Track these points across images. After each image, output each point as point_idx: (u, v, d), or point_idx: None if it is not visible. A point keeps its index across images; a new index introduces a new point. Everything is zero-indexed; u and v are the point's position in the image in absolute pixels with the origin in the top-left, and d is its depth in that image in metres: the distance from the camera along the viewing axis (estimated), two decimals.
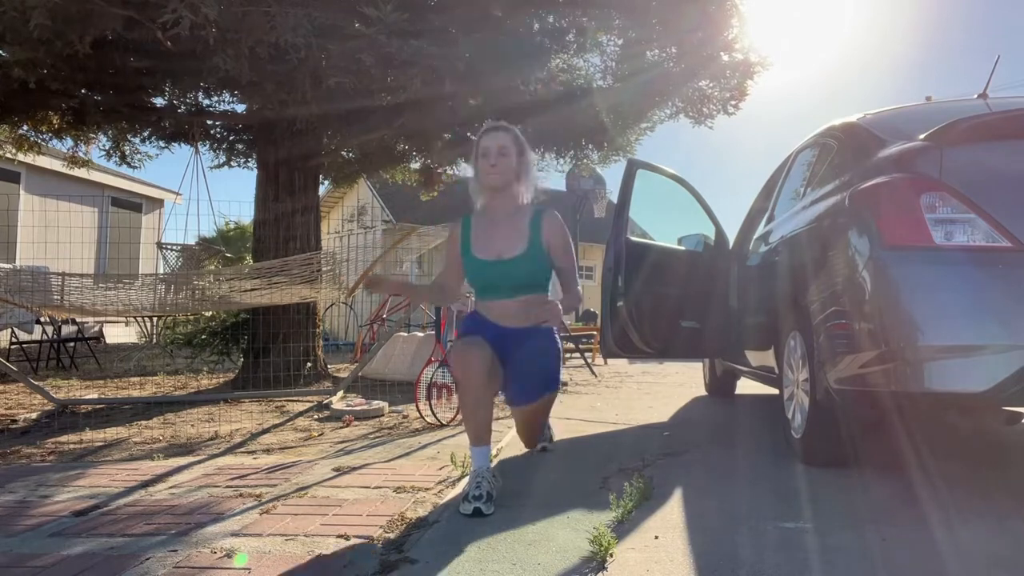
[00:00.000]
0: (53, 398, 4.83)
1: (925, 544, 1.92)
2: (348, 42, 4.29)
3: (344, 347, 12.38)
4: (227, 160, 7.26)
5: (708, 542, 1.95)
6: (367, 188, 16.03)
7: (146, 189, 14.22)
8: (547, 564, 1.80)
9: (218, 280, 5.72)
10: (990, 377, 2.19)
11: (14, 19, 3.77)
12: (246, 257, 13.24)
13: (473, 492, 2.26)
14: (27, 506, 2.43)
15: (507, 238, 2.52)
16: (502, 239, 2.52)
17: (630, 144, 7.08)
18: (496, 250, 2.51)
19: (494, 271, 2.51)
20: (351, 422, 4.29)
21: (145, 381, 6.73)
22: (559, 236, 2.57)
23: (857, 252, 2.54)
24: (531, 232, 2.52)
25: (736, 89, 6.10)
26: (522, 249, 2.50)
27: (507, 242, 2.52)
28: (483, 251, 2.54)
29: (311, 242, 6.45)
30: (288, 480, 2.75)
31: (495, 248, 2.52)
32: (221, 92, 6.40)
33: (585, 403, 5.24)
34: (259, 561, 1.84)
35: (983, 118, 2.61)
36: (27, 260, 9.67)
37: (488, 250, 2.53)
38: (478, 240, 2.56)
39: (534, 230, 2.53)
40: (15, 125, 6.10)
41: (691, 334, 4.20)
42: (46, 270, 5.39)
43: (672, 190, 4.50)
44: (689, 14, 5.28)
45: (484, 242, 2.55)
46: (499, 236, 2.53)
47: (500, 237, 2.53)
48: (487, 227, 2.57)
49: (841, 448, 2.80)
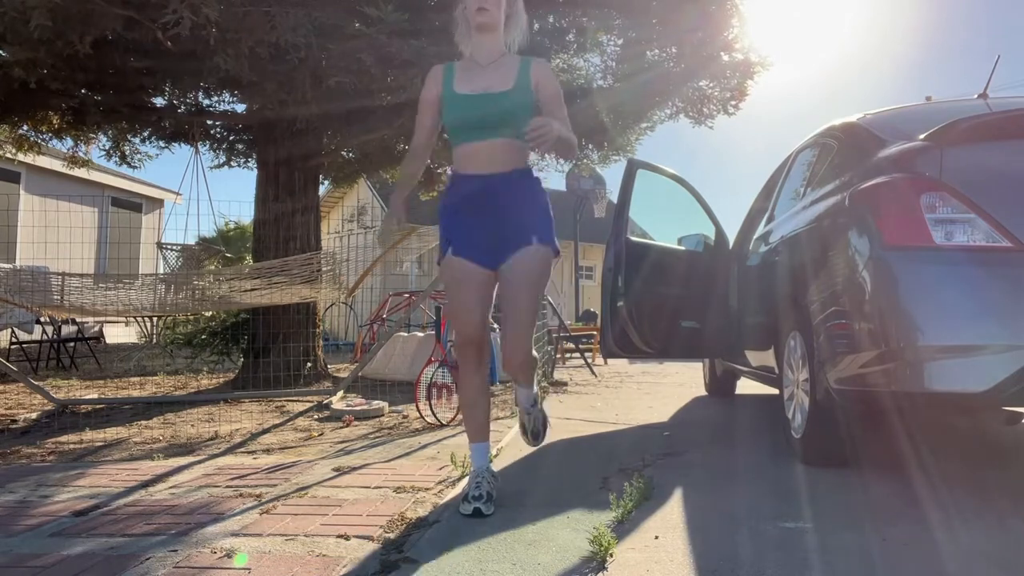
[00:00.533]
0: (53, 398, 4.83)
1: (925, 544, 1.92)
2: (348, 42, 4.29)
3: (344, 347, 12.38)
4: (227, 160, 7.26)
5: (708, 542, 1.95)
6: (367, 188, 16.03)
7: (146, 189, 14.23)
8: (547, 564, 1.80)
9: (218, 280, 5.72)
10: (990, 377, 2.19)
11: (14, 19, 3.78)
12: (246, 257, 13.24)
13: (473, 492, 2.26)
14: (27, 506, 2.43)
15: (494, 76, 2.37)
16: (489, 76, 2.37)
17: (630, 144, 7.08)
18: (483, 85, 2.35)
19: (478, 104, 2.32)
20: (351, 422, 4.29)
21: (145, 381, 6.73)
22: (550, 80, 2.40)
23: (857, 252, 2.54)
24: (520, 72, 2.37)
25: (736, 89, 6.10)
26: (509, 86, 2.34)
27: (494, 78, 2.36)
28: (467, 86, 2.36)
29: (311, 242, 6.46)
30: (288, 480, 2.75)
31: (481, 84, 2.35)
32: (221, 92, 6.41)
33: (585, 403, 5.24)
34: (259, 561, 1.84)
35: (983, 118, 2.61)
36: (27, 260, 9.67)
37: (474, 85, 2.36)
38: (461, 79, 2.39)
39: (522, 71, 2.37)
40: (15, 125, 6.10)
41: (691, 334, 4.20)
42: (46, 270, 5.40)
43: (672, 190, 4.50)
44: (689, 14, 5.28)
45: (468, 80, 2.38)
46: (486, 75, 2.37)
47: (487, 75, 2.37)
48: (472, 69, 2.41)
49: (841, 448, 2.80)
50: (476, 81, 2.36)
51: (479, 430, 2.42)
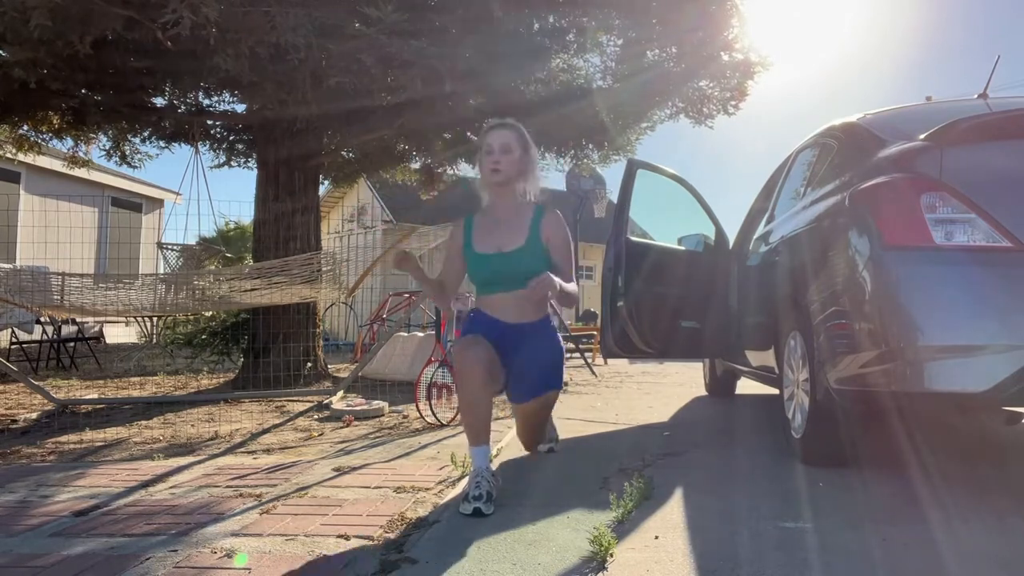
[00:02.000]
0: (53, 398, 4.82)
1: (925, 544, 1.92)
2: (348, 42, 4.29)
3: (344, 347, 12.38)
4: (227, 160, 7.26)
5: (708, 542, 1.95)
6: (367, 188, 16.03)
7: (146, 189, 14.23)
8: (547, 564, 1.80)
9: (218, 280, 5.72)
10: (990, 377, 2.19)
11: (14, 19, 3.77)
12: (246, 257, 13.23)
13: (473, 492, 2.26)
14: (27, 506, 2.43)
15: (507, 233, 2.59)
16: (502, 234, 2.59)
17: (630, 144, 7.08)
18: (496, 244, 2.59)
19: (493, 264, 2.58)
20: (351, 422, 4.29)
21: (145, 381, 6.73)
22: (559, 234, 2.62)
23: (857, 252, 2.54)
24: (531, 228, 2.58)
25: (736, 89, 6.10)
26: (521, 243, 2.57)
27: (507, 236, 2.58)
28: (483, 245, 2.61)
29: (311, 242, 6.46)
30: (288, 480, 2.76)
31: (495, 242, 2.59)
32: (221, 92, 6.40)
33: (585, 403, 5.24)
34: (259, 561, 1.84)
35: (983, 118, 2.61)
36: (27, 260, 9.67)
37: (488, 244, 2.60)
38: (479, 236, 2.63)
39: (534, 226, 2.59)
40: (15, 125, 6.10)
41: (691, 334, 4.20)
42: (46, 270, 5.40)
43: (672, 190, 4.50)
44: (689, 14, 5.28)
45: (485, 237, 2.62)
46: (500, 231, 2.60)
47: (501, 232, 2.60)
48: (489, 224, 2.64)
49: (841, 448, 2.80)
50: (491, 239, 2.60)
51: (480, 432, 2.41)
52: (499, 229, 2.61)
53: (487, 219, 2.66)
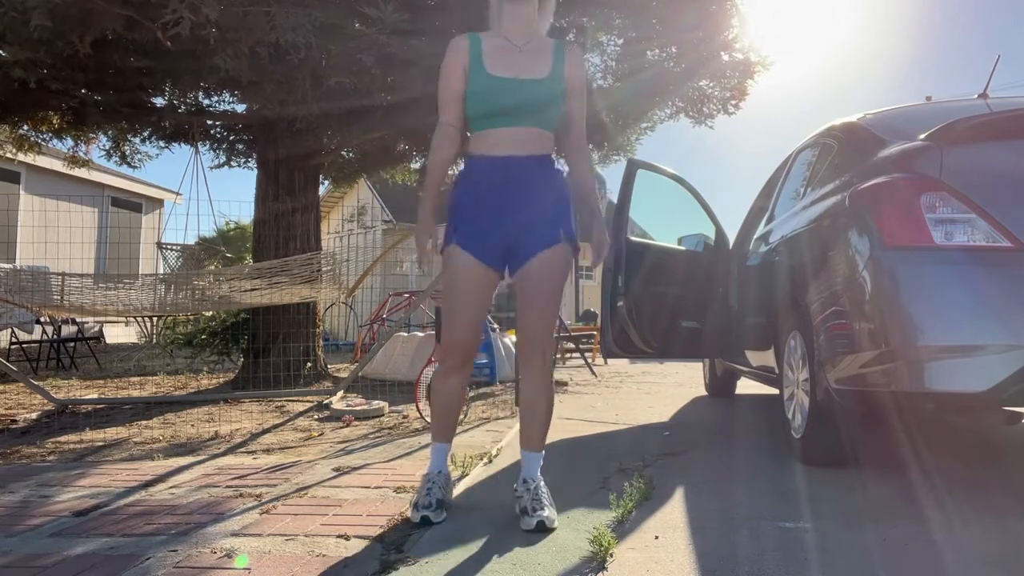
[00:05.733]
0: (53, 398, 4.82)
1: (925, 544, 1.92)
2: (348, 42, 4.29)
3: (344, 347, 12.38)
4: (227, 160, 7.26)
5: (708, 542, 1.95)
6: (367, 188, 16.03)
7: (146, 189, 14.23)
8: (547, 564, 1.80)
9: (218, 280, 5.72)
10: (990, 377, 2.19)
11: (14, 19, 3.77)
12: (246, 257, 13.24)
13: (422, 500, 2.14)
14: (28, 506, 2.43)
15: (527, 60, 2.18)
16: (523, 59, 2.18)
17: (630, 144, 7.08)
18: (517, 68, 2.15)
19: (513, 90, 2.14)
20: (351, 422, 4.29)
21: (145, 381, 6.73)
22: (580, 72, 2.26)
23: (857, 252, 2.54)
24: (555, 59, 2.20)
25: (736, 89, 6.10)
26: (544, 74, 2.16)
27: (527, 63, 2.17)
28: (500, 68, 2.15)
29: (311, 242, 6.46)
30: (288, 480, 2.76)
31: (515, 67, 2.16)
32: (221, 92, 6.41)
33: (585, 403, 5.24)
34: (259, 561, 1.84)
35: (983, 118, 2.61)
36: (27, 260, 9.68)
37: (507, 68, 2.15)
38: (493, 59, 2.17)
39: (557, 57, 2.21)
40: (15, 125, 6.10)
41: (691, 334, 4.20)
42: (46, 270, 5.40)
43: (672, 190, 4.50)
44: (689, 13, 5.28)
45: (502, 61, 2.17)
46: (521, 57, 2.18)
47: (521, 58, 2.18)
48: (503, 45, 2.20)
49: (841, 448, 2.80)
50: (511, 64, 2.16)
51: (446, 430, 2.30)
52: (517, 54, 2.18)
53: (500, 40, 2.21)
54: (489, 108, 2.16)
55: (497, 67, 2.15)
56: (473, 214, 2.18)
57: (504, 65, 2.16)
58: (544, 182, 2.19)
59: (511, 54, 2.18)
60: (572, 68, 2.22)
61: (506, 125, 2.16)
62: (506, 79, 2.14)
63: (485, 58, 2.17)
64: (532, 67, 2.17)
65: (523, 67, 2.16)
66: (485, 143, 2.19)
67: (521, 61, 2.17)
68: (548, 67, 2.18)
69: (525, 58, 2.18)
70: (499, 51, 2.18)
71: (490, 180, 2.17)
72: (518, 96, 2.14)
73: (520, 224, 2.16)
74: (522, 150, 2.16)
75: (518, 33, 2.21)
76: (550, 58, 2.20)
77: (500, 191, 2.16)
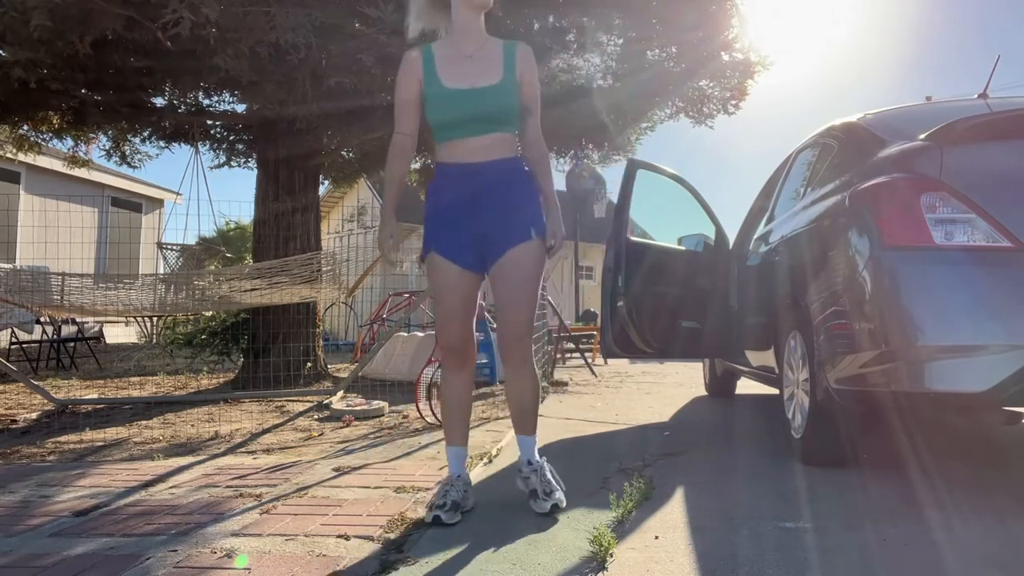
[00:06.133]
0: (53, 398, 4.82)
1: (925, 544, 1.92)
2: (348, 42, 4.29)
3: (344, 347, 12.38)
4: (227, 160, 7.26)
5: (708, 542, 1.95)
6: (367, 188, 16.03)
7: (146, 189, 14.23)
8: (547, 564, 1.80)
9: (218, 280, 5.72)
10: (990, 377, 2.19)
11: (14, 19, 3.77)
12: (246, 257, 13.24)
13: (437, 500, 2.17)
14: (28, 506, 2.43)
15: (479, 68, 2.22)
16: (474, 68, 2.22)
17: (630, 144, 7.09)
18: (469, 79, 2.20)
19: (466, 101, 2.18)
20: (351, 422, 4.29)
21: (145, 381, 6.73)
22: (532, 74, 2.29)
23: (857, 252, 2.54)
24: (505, 63, 2.23)
25: (736, 89, 6.11)
26: (496, 80, 2.20)
27: (479, 72, 2.21)
28: (453, 79, 2.20)
29: (311, 242, 6.46)
30: (288, 480, 2.76)
31: (469, 77, 2.20)
32: (221, 92, 6.41)
33: (585, 403, 5.24)
34: (259, 561, 1.84)
35: (983, 118, 2.61)
36: (27, 260, 9.68)
37: (459, 79, 2.20)
38: (446, 70, 2.21)
39: (507, 61, 2.24)
40: (15, 125, 6.10)
41: (691, 334, 4.20)
42: (46, 270, 5.40)
43: (672, 190, 4.50)
44: (689, 13, 5.29)
45: (455, 72, 2.21)
46: (470, 65, 2.22)
47: (471, 66, 2.22)
48: (454, 56, 2.24)
49: (841, 448, 2.80)
50: (463, 74, 2.20)
51: (459, 434, 2.35)
52: (469, 63, 2.22)
53: (451, 50, 2.25)
54: (447, 119, 2.22)
55: (450, 78, 2.21)
56: (445, 222, 2.25)
57: (457, 76, 2.21)
58: (509, 184, 2.24)
59: (462, 63, 2.22)
60: (523, 67, 2.26)
61: (467, 135, 2.21)
62: (460, 90, 2.19)
63: (438, 70, 2.22)
64: (484, 74, 2.21)
65: (475, 76, 2.20)
66: (449, 152, 2.25)
67: (472, 70, 2.21)
68: (499, 72, 2.22)
69: (476, 66, 2.22)
70: (451, 61, 2.23)
71: (458, 188, 2.23)
72: (474, 106, 2.18)
73: (491, 225, 2.22)
74: (486, 156, 2.22)
75: (469, 39, 2.25)
76: (501, 62, 2.23)
77: (469, 197, 2.22)
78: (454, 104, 2.20)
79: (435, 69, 2.22)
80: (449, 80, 2.20)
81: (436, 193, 2.29)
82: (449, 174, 2.26)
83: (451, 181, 2.25)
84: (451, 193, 2.25)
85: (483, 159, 2.21)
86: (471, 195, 2.22)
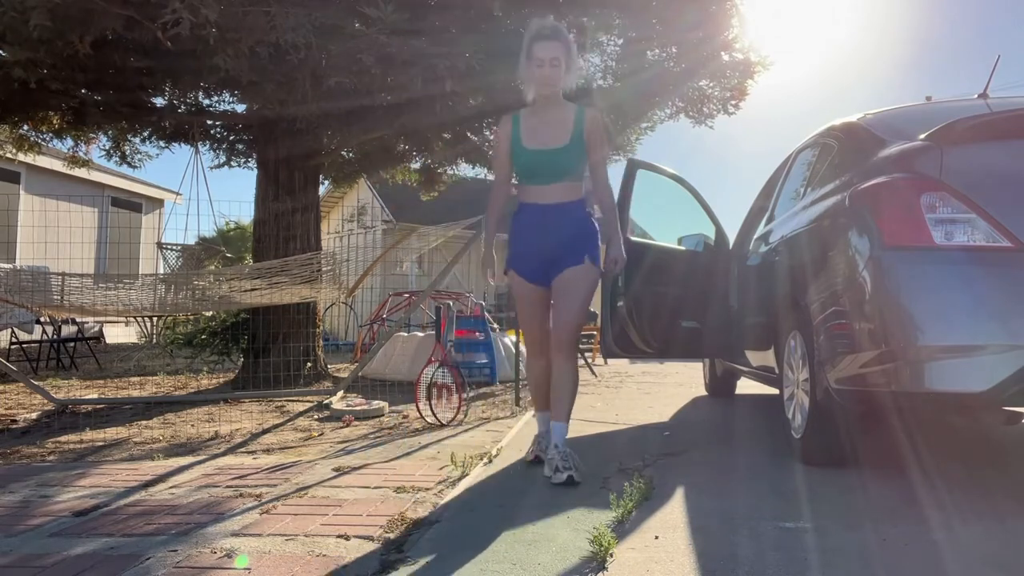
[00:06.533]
0: (53, 398, 4.82)
1: (925, 544, 1.92)
2: (348, 42, 4.29)
3: (344, 347, 12.38)
4: (227, 160, 7.26)
5: (708, 542, 1.95)
6: (367, 188, 16.02)
7: (146, 189, 14.22)
8: (547, 564, 1.80)
9: (218, 280, 5.72)
10: (990, 377, 2.19)
11: (14, 19, 3.77)
12: (246, 257, 13.24)
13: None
14: (28, 506, 2.43)
15: (553, 131, 2.82)
16: (549, 132, 2.83)
17: (630, 144, 7.09)
18: (543, 140, 2.82)
19: (541, 159, 2.82)
20: (351, 422, 4.29)
21: (145, 381, 6.73)
22: (597, 131, 2.86)
23: (857, 252, 2.54)
24: (575, 127, 2.82)
25: (736, 88, 6.10)
26: (566, 142, 2.80)
27: (553, 134, 2.82)
28: (531, 141, 2.84)
29: (311, 242, 6.46)
30: (288, 480, 2.76)
31: (542, 139, 2.83)
32: (221, 92, 6.40)
33: (585, 403, 5.24)
34: (259, 561, 1.84)
35: (983, 118, 2.61)
36: (27, 260, 9.68)
37: (536, 140, 2.83)
38: (527, 132, 2.85)
39: (577, 125, 2.82)
40: (15, 125, 6.10)
41: (691, 334, 4.20)
42: (46, 270, 5.39)
43: (672, 190, 4.50)
44: (689, 13, 5.28)
45: (532, 134, 2.84)
46: (546, 130, 2.83)
47: (547, 130, 2.83)
48: (535, 123, 2.86)
49: (841, 448, 2.80)
50: (539, 136, 2.83)
51: (541, 401, 3.02)
52: (546, 127, 2.83)
53: (533, 118, 2.88)
54: (527, 172, 2.89)
55: (529, 140, 2.85)
56: (521, 247, 2.92)
57: (535, 139, 2.84)
58: (571, 222, 2.85)
59: (540, 128, 2.85)
60: (590, 128, 2.84)
61: (542, 183, 2.85)
62: (537, 151, 2.83)
63: (522, 134, 2.87)
64: (555, 136, 2.82)
65: (550, 138, 2.82)
66: (528, 194, 2.90)
67: (547, 132, 2.83)
68: (569, 134, 2.81)
69: (551, 130, 2.83)
70: (531, 128, 2.86)
71: (532, 222, 2.88)
72: (547, 162, 2.83)
73: (554, 251, 2.84)
74: (554, 199, 2.84)
75: (547, 112, 2.85)
76: (571, 125, 2.83)
77: (539, 230, 2.86)
78: (532, 161, 2.85)
79: (520, 133, 2.87)
80: (528, 140, 2.85)
81: (517, 224, 2.93)
82: (528, 211, 2.89)
83: (529, 216, 2.89)
84: (526, 227, 2.90)
85: (552, 201, 2.84)
86: (540, 229, 2.85)
